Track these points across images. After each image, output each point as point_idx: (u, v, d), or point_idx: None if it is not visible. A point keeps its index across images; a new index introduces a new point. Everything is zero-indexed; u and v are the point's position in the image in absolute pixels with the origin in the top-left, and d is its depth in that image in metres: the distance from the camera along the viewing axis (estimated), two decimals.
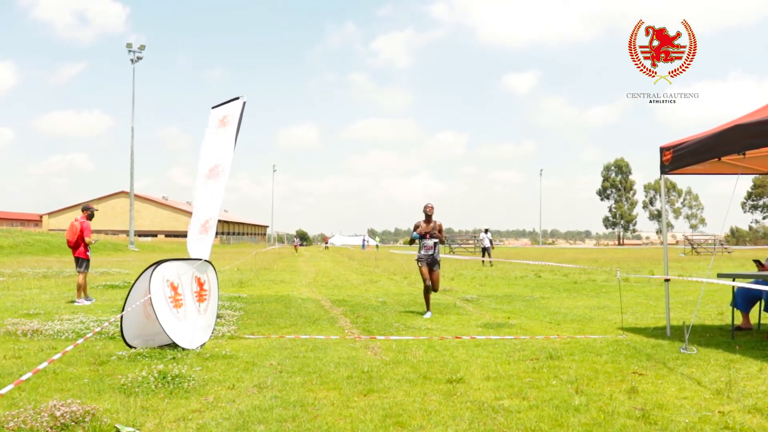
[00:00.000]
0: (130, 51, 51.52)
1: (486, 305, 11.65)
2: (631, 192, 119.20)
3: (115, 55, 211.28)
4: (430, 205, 10.18)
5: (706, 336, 7.92)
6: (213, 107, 8.28)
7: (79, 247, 11.73)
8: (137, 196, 76.11)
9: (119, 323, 6.86)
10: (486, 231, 32.43)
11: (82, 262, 11.78)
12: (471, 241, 60.80)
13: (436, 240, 10.10)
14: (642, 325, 9.00)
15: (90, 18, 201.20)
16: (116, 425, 4.17)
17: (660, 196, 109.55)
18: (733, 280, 8.32)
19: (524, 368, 6.05)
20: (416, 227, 10.24)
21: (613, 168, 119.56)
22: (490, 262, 27.86)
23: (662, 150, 7.98)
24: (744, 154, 7.28)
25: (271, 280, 18.51)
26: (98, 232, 56.14)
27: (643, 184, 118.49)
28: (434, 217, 10.22)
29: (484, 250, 31.63)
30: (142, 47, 51.66)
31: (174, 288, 6.85)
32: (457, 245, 58.87)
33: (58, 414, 4.13)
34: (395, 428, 4.25)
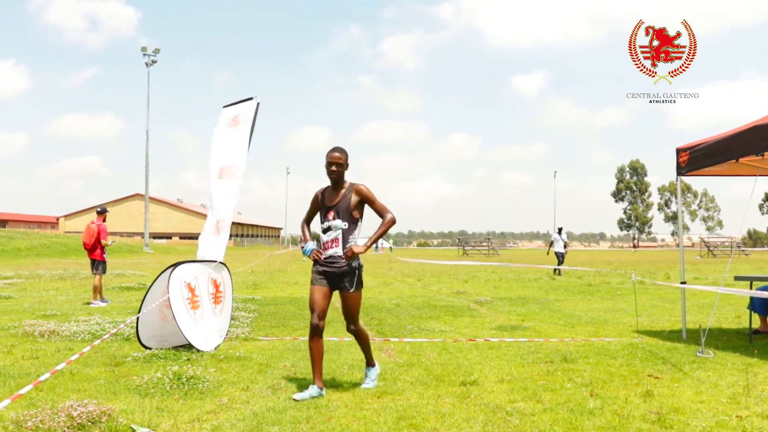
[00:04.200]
0: (144, 54, 51.79)
1: (500, 308, 11.61)
2: (646, 194, 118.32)
3: (126, 58, 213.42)
4: (336, 154, 5.16)
5: (723, 339, 7.85)
6: (224, 106, 8.21)
7: (95, 249, 11.83)
8: (152, 199, 76.48)
9: (136, 324, 6.91)
10: (560, 231, 23.51)
11: (98, 264, 11.88)
12: (485, 244, 60.79)
13: (344, 226, 5.16)
14: (657, 328, 8.93)
15: (101, 22, 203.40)
16: (132, 426, 4.20)
17: (676, 197, 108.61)
18: (751, 284, 8.25)
19: (538, 371, 6.03)
20: (312, 211, 5.52)
21: (627, 170, 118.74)
22: (558, 270, 21.72)
23: (678, 151, 7.93)
24: (763, 155, 7.22)
25: (285, 282, 18.57)
26: (113, 234, 56.54)
27: (658, 186, 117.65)
28: (348, 181, 5.27)
29: (559, 257, 23.05)
30: (156, 51, 51.89)
31: (191, 290, 6.89)
32: (470, 248, 58.85)
33: (75, 414, 4.16)
34: (409, 430, 4.24)
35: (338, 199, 5.18)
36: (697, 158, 7.55)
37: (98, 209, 12.25)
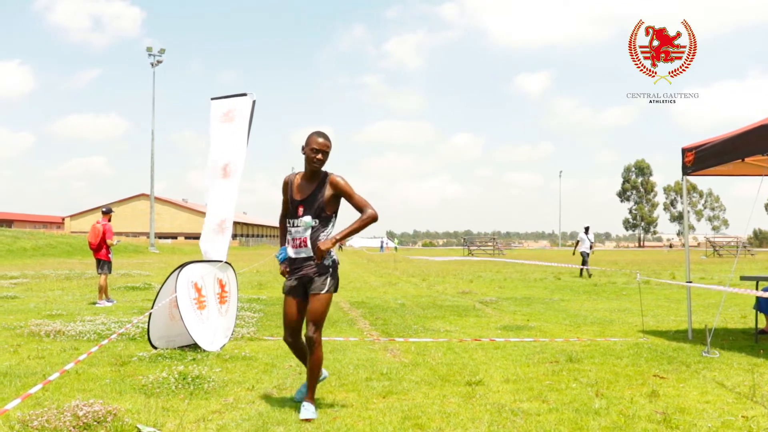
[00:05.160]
0: (150, 55, 51.87)
1: (505, 308, 11.60)
2: (652, 194, 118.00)
3: (131, 58, 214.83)
4: (324, 141, 4.56)
5: (728, 339, 7.83)
6: (213, 98, 7.86)
7: (101, 249, 11.86)
8: (157, 199, 76.67)
9: (147, 323, 6.92)
10: (586, 230, 22.12)
11: (103, 264, 11.91)
12: (490, 244, 60.72)
13: (314, 224, 4.56)
14: (663, 328, 8.91)
15: (106, 22, 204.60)
16: (137, 425, 4.21)
17: (681, 197, 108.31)
18: (757, 284, 8.21)
19: (544, 371, 6.02)
20: (287, 202, 4.79)
21: (633, 169, 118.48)
22: (588, 271, 20.75)
23: (684, 151, 7.91)
24: None
25: None
26: (118, 234, 56.65)
27: (663, 186, 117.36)
28: (323, 170, 4.63)
29: (584, 257, 21.91)
30: (162, 51, 51.95)
31: (198, 290, 6.90)
32: (475, 248, 58.78)
33: (80, 414, 4.17)
34: (414, 430, 4.24)
35: (310, 192, 4.54)
36: (703, 158, 7.52)
37: (103, 209, 12.29)
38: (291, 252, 4.62)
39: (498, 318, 10.11)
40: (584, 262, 21.54)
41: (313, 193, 4.53)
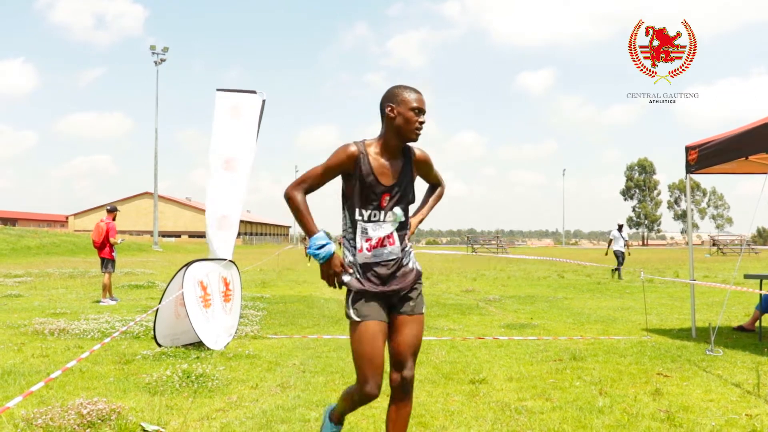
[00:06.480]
0: (153, 53, 51.95)
1: (508, 306, 11.59)
2: (656, 192, 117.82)
3: (134, 56, 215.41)
4: (420, 96, 3.31)
5: (732, 338, 7.82)
6: (218, 89, 7.59)
7: (104, 247, 11.89)
8: (161, 197, 76.77)
9: (153, 322, 6.93)
10: (620, 228, 20.28)
11: (107, 263, 11.93)
12: (493, 242, 60.73)
13: (404, 218, 3.22)
14: (667, 326, 8.90)
15: (109, 20, 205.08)
16: (141, 423, 4.22)
17: (685, 195, 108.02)
18: (761, 283, 8.19)
19: (547, 369, 6.02)
20: (328, 176, 3.16)
21: (636, 168, 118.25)
22: (619, 272, 19.45)
23: (688, 149, 7.89)
24: None
25: (294, 280, 18.59)
26: (122, 232, 56.77)
27: (667, 184, 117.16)
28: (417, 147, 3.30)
29: (619, 256, 19.81)
30: (165, 49, 52.02)
31: (203, 288, 6.91)
32: (479, 246, 58.78)
33: (84, 412, 4.18)
34: (418, 428, 4.24)
35: (398, 175, 3.19)
36: (707, 156, 7.51)
37: (108, 208, 12.32)
38: (364, 257, 3.17)
39: (501, 316, 10.11)
40: (619, 262, 19.90)
41: (402, 176, 3.20)
